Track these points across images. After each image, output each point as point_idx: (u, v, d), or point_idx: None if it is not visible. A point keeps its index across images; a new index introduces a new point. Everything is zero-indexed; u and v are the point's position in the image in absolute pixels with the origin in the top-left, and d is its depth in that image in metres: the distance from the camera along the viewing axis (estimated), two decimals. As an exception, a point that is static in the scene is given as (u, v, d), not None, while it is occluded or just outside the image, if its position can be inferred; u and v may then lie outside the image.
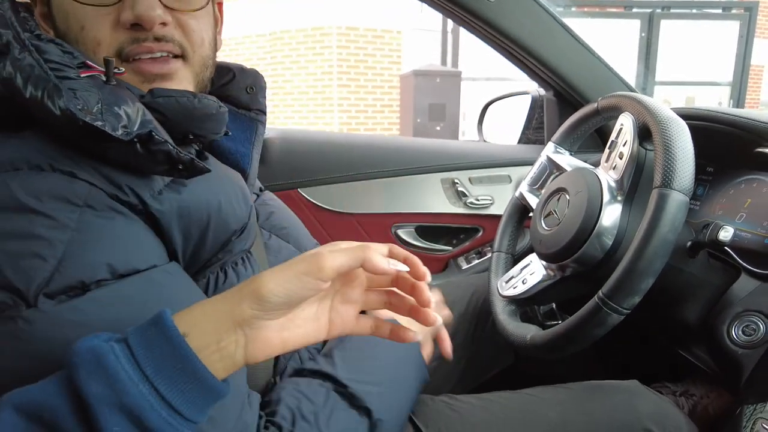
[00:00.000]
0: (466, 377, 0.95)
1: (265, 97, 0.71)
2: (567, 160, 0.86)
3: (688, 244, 0.72)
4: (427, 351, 0.72)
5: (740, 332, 0.70)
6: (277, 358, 0.61)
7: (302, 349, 0.65)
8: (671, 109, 0.88)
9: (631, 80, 5.36)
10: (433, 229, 1.25)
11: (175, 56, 0.53)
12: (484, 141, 1.51)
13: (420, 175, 1.20)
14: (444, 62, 5.75)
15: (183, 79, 0.54)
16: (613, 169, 0.71)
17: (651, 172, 0.65)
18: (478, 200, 1.22)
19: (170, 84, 0.52)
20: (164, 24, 0.51)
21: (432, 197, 1.21)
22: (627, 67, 5.38)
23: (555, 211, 0.77)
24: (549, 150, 0.89)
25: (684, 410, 1.00)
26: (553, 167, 0.88)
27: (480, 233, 1.25)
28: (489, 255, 1.21)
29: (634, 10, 5.46)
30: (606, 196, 0.69)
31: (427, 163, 1.20)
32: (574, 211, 0.72)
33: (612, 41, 5.35)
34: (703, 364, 0.79)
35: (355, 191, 1.17)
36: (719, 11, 5.67)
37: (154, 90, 0.49)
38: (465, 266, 1.24)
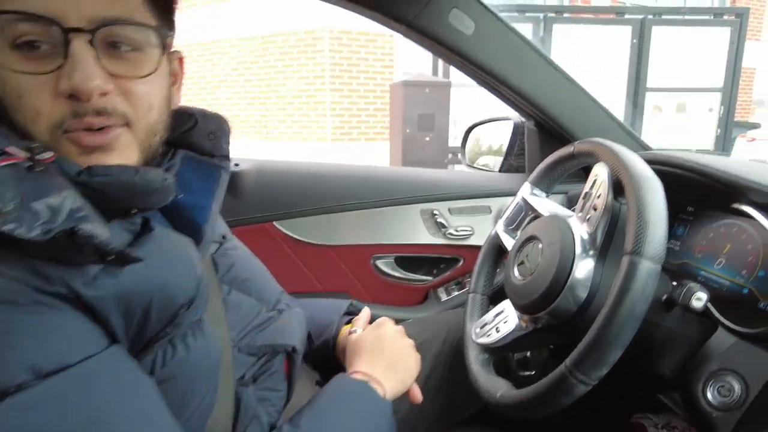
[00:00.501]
0: (442, 418, 0.93)
1: (228, 143, 0.67)
2: (542, 204, 0.83)
3: (664, 297, 0.70)
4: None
5: (716, 392, 0.68)
6: (234, 423, 0.59)
7: (263, 413, 0.62)
8: (652, 154, 0.87)
9: (623, 86, 5.41)
10: (412, 259, 1.23)
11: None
12: (468, 164, 1.49)
13: (398, 206, 1.18)
14: (435, 68, 5.74)
15: (126, 149, 0.50)
16: (587, 221, 0.69)
17: (624, 226, 0.63)
18: (457, 231, 1.20)
19: (111, 156, 0.49)
20: (104, 94, 0.48)
21: (411, 228, 1.19)
22: (619, 74, 5.39)
23: (527, 260, 0.75)
24: (525, 191, 0.87)
25: None
26: (529, 209, 0.86)
27: (460, 263, 1.23)
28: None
29: (626, 16, 5.47)
30: (578, 249, 0.67)
31: (406, 194, 1.18)
32: (546, 262, 0.70)
33: (605, 48, 5.37)
34: (681, 412, 0.77)
35: (332, 223, 1.15)
36: (710, 17, 5.68)
37: (92, 168, 0.46)
38: (444, 298, 1.22)
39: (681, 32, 5.34)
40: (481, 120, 1.45)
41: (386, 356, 0.73)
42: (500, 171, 1.36)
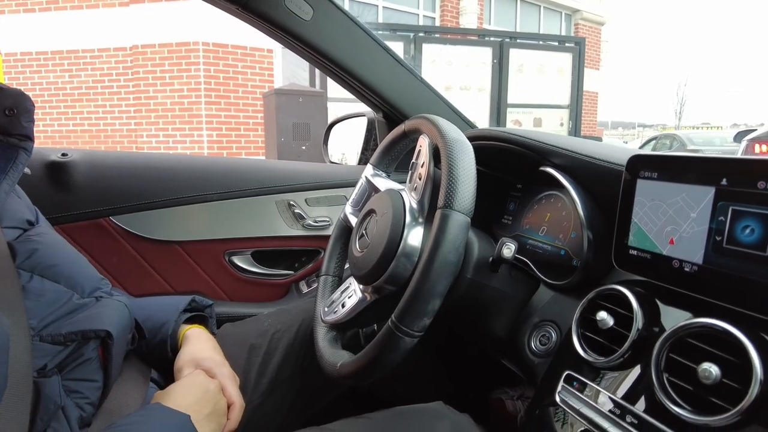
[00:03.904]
0: (296, 408, 0.91)
1: (31, 121, 0.62)
2: (383, 183, 0.86)
3: (490, 259, 0.75)
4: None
5: (538, 342, 0.74)
6: (33, 416, 0.52)
7: (70, 405, 0.56)
8: (476, 130, 0.94)
9: (486, 103, 5.90)
10: (271, 253, 1.19)
11: None
12: (331, 162, 1.50)
13: (253, 198, 1.14)
14: (312, 81, 5.78)
15: None
16: (414, 190, 0.72)
17: None
18: (316, 222, 1.19)
19: None
20: None
21: (268, 220, 1.16)
22: (484, 91, 5.87)
23: (365, 233, 0.77)
24: (368, 172, 0.89)
25: (520, 413, 1.05)
26: (372, 189, 0.88)
27: (321, 255, 1.22)
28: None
29: (487, 38, 6.00)
30: (408, 218, 0.70)
31: (260, 185, 1.14)
32: (380, 232, 0.71)
33: (471, 67, 5.82)
34: (518, 371, 0.83)
35: (179, 216, 1.08)
36: (556, 44, 6.46)
37: None
38: (306, 290, 1.20)
39: (534, 55, 5.99)
40: (339, 117, 1.47)
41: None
42: (359, 164, 1.39)
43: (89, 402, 0.59)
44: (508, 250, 0.69)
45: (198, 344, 0.76)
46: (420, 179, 0.71)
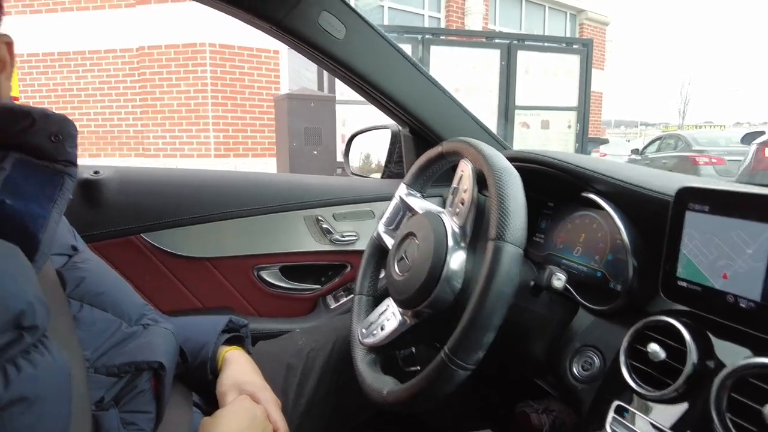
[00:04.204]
0: (332, 426, 0.91)
1: (75, 146, 0.60)
2: (418, 203, 0.86)
3: (531, 283, 0.75)
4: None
5: (580, 367, 0.74)
6: None
7: None
8: (513, 152, 0.94)
9: (494, 105, 5.89)
10: (299, 268, 1.19)
11: None
12: (352, 173, 1.50)
13: (280, 213, 1.14)
14: (320, 84, 5.77)
15: None
16: (456, 215, 0.72)
17: (489, 216, 0.66)
18: (343, 236, 1.19)
19: None
20: None
21: (296, 235, 1.16)
22: (492, 93, 5.86)
23: (405, 256, 0.77)
24: (402, 191, 0.89)
25: (545, 426, 1.05)
26: (406, 208, 0.88)
27: (348, 269, 1.22)
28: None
29: (495, 41, 5.99)
30: (450, 242, 0.70)
31: (288, 201, 1.15)
32: (422, 256, 0.71)
33: (478, 68, 5.82)
34: (555, 393, 0.83)
35: (208, 233, 1.08)
36: (563, 45, 6.45)
37: None
38: (333, 305, 1.20)
39: (542, 57, 5.98)
40: (361, 129, 1.47)
41: None
42: (382, 177, 1.39)
43: None
44: (559, 281, 0.69)
45: (238, 367, 0.77)
46: (462, 204, 0.71)
